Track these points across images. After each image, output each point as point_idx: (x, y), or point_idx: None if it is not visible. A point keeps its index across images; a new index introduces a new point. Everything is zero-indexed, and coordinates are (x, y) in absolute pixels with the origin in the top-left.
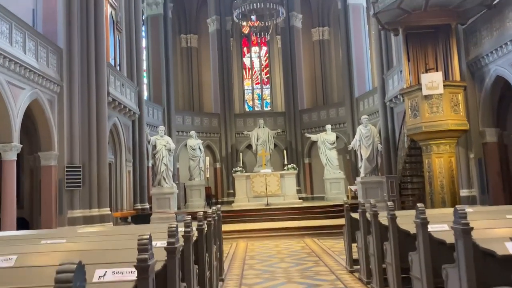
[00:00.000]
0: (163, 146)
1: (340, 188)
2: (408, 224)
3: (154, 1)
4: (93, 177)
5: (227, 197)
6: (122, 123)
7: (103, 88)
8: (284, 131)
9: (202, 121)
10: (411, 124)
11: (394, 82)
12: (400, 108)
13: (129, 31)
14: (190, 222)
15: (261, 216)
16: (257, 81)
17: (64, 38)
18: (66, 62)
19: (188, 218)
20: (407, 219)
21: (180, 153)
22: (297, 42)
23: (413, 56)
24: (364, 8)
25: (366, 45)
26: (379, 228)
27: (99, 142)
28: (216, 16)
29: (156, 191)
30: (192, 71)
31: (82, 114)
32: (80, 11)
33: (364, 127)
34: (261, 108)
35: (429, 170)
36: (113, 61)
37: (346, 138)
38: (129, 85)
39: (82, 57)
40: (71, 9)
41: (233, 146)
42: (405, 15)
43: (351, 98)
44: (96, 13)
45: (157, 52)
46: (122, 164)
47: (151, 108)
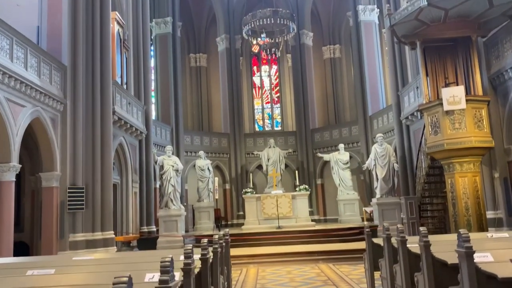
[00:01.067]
0: (171, 167)
1: (355, 209)
2: (443, 253)
3: (163, 20)
4: (96, 199)
5: (236, 219)
6: (128, 143)
7: (108, 106)
8: (295, 151)
9: (211, 141)
10: (432, 142)
11: (410, 99)
12: (417, 126)
13: (136, 50)
14: (191, 251)
15: (272, 240)
16: (267, 100)
17: (69, 55)
18: (70, 79)
19: (189, 247)
20: (440, 246)
21: (188, 174)
22: (308, 60)
23: (431, 70)
24: (376, 25)
25: (379, 62)
26: (408, 256)
27: (103, 163)
28: (225, 34)
29: (163, 213)
30: (201, 90)
31: (86, 133)
32: (85, 28)
33: (380, 146)
34: (271, 128)
35: (452, 190)
36: (120, 79)
37: (359, 157)
38: (136, 104)
39: (87, 75)
40: (76, 26)
41: (243, 166)
42: (423, 28)
43: (365, 117)
44: (102, 30)
45: (166, 71)
46: (128, 185)
47: (159, 128)
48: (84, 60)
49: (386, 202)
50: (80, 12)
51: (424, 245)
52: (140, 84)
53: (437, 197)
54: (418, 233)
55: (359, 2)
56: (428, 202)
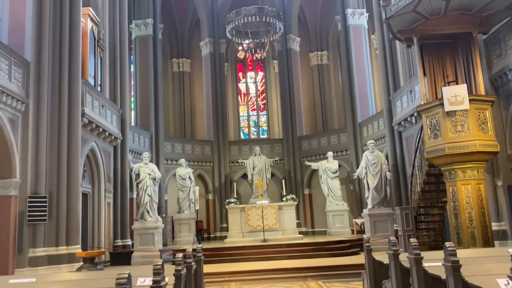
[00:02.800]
0: (147, 175)
1: (344, 221)
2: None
3: (143, 21)
4: (61, 209)
5: (220, 231)
6: (101, 149)
7: (77, 107)
8: (282, 160)
9: (194, 148)
10: (431, 146)
11: (402, 104)
12: (410, 132)
13: (113, 50)
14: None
15: (257, 254)
16: (253, 107)
17: (33, 50)
18: (34, 76)
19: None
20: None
21: (168, 184)
22: (295, 66)
23: (429, 69)
24: (365, 29)
25: (368, 67)
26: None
27: (70, 169)
28: (209, 38)
29: (139, 225)
30: (184, 96)
31: (51, 136)
32: (53, 21)
33: (371, 153)
34: (257, 136)
35: (454, 200)
36: (93, 80)
37: (349, 166)
38: (111, 107)
39: (54, 72)
40: (42, 19)
41: (227, 175)
42: (420, 22)
43: (354, 124)
44: (72, 25)
45: (146, 75)
46: (100, 194)
47: (137, 134)
48: (51, 56)
49: (378, 213)
50: (46, 4)
51: (453, 266)
52: (116, 87)
53: (434, 207)
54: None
55: (348, 5)
56: (424, 213)
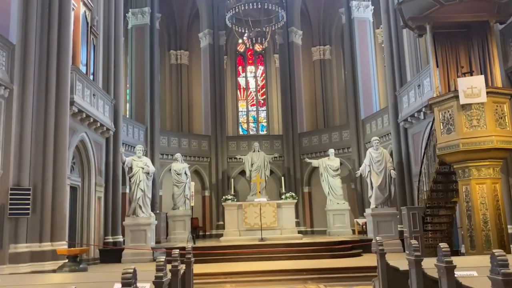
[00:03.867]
0: (140, 169)
1: (345, 221)
2: None
3: (140, 10)
4: (46, 203)
5: (216, 229)
6: (92, 140)
7: (65, 94)
8: (282, 156)
9: (190, 143)
10: (444, 142)
11: (409, 99)
12: (417, 129)
13: (107, 38)
14: None
15: (254, 254)
16: (252, 103)
17: (18, 32)
18: (19, 60)
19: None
20: None
21: (163, 179)
22: (296, 60)
23: (442, 61)
24: (370, 22)
25: (373, 62)
26: None
27: (57, 160)
28: (209, 29)
29: (130, 221)
30: (182, 89)
31: (36, 124)
32: (41, 2)
33: (375, 150)
34: (256, 132)
35: (468, 200)
36: (85, 68)
37: (350, 164)
38: (103, 97)
39: (41, 56)
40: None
41: (224, 172)
42: (434, 8)
43: (357, 120)
44: (62, 7)
45: (142, 66)
46: (90, 188)
47: (131, 126)
48: (38, 39)
49: (382, 213)
50: None
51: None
52: (110, 76)
53: (443, 208)
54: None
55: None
56: (432, 213)
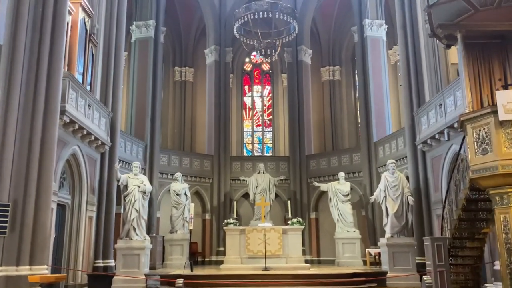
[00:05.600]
0: (136, 187)
1: (355, 250)
2: None
3: (145, 23)
4: (27, 221)
5: (216, 255)
6: (85, 155)
7: (55, 102)
8: (288, 179)
9: (192, 162)
10: (478, 164)
11: (429, 120)
12: (436, 152)
13: (108, 48)
14: None
15: (257, 286)
16: (258, 123)
17: (7, 31)
18: (6, 62)
19: None
20: None
21: (162, 200)
22: (305, 79)
23: (473, 75)
24: (384, 41)
25: (386, 82)
26: None
27: (41, 173)
28: (215, 46)
29: (123, 244)
30: (185, 107)
31: (21, 133)
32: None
33: (391, 175)
34: (261, 154)
35: (507, 231)
36: (81, 77)
37: (361, 189)
38: (99, 108)
39: (31, 59)
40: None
41: (226, 194)
42: (467, 14)
43: (368, 143)
44: (57, 9)
45: (144, 80)
46: (81, 207)
47: (129, 142)
48: (29, 40)
49: (399, 243)
50: None
51: None
52: (108, 88)
53: (470, 239)
54: None
55: (366, 15)
56: (459, 245)
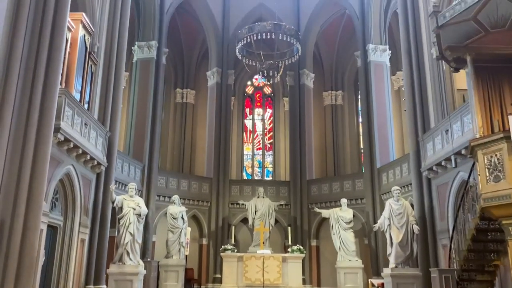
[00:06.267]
0: (131, 210)
1: (357, 280)
2: None
3: (147, 44)
4: (14, 242)
5: (212, 283)
6: (80, 175)
7: (50, 119)
8: (288, 204)
9: (190, 185)
10: (491, 192)
11: (435, 146)
12: (443, 179)
13: (108, 67)
14: None
15: None
16: (258, 146)
17: (2, 45)
18: (1, 76)
19: None
20: None
21: (158, 223)
22: (307, 103)
23: (483, 99)
24: (387, 67)
25: (389, 108)
26: None
27: (32, 193)
28: (217, 68)
29: (115, 269)
30: (186, 129)
31: (12, 149)
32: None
33: (396, 202)
34: (261, 177)
35: None
36: (79, 95)
37: (364, 217)
38: (96, 127)
39: (26, 73)
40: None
41: (225, 218)
42: (477, 36)
43: (372, 169)
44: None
45: (144, 101)
46: (74, 229)
47: (127, 163)
48: (25, 56)
49: (403, 274)
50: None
51: None
52: (107, 107)
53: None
54: None
55: (370, 41)
56: (468, 278)
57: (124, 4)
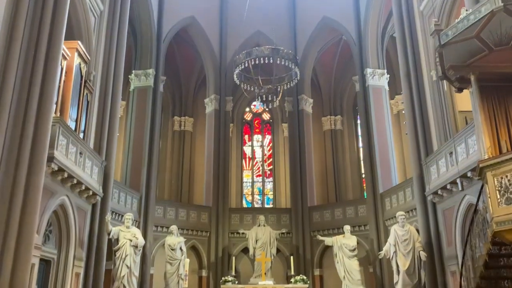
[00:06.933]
0: (128, 241)
1: None
2: None
3: (144, 72)
4: (3, 278)
5: None
6: (74, 205)
7: (43, 147)
8: (290, 232)
9: (189, 215)
10: (503, 215)
11: (439, 169)
12: (448, 203)
13: (104, 95)
14: None
15: None
16: (258, 173)
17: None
18: None
19: None
20: None
21: (156, 255)
22: (307, 128)
23: (489, 119)
24: (386, 90)
25: (390, 132)
26: None
27: (23, 225)
28: (215, 95)
29: None
30: (184, 157)
31: (3, 180)
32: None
33: (401, 228)
34: (261, 205)
35: None
36: (74, 123)
37: (368, 244)
38: (92, 157)
39: (19, 102)
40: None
41: (225, 248)
42: (481, 55)
43: (374, 194)
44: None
45: (141, 129)
46: (68, 262)
47: (123, 193)
48: (18, 83)
49: None
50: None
51: None
52: (103, 136)
53: None
54: None
55: (368, 65)
56: None
57: (121, 33)
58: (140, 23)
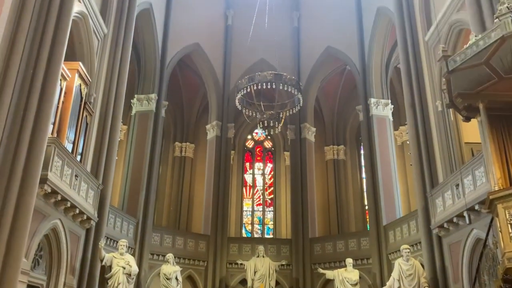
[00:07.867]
0: (121, 269)
1: None
2: None
3: (146, 96)
4: None
5: None
6: (67, 230)
7: (36, 168)
8: (290, 264)
9: (186, 243)
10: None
11: (445, 201)
12: (455, 237)
13: (104, 118)
14: None
15: None
16: (258, 202)
17: None
18: None
19: None
20: None
21: (151, 284)
22: (309, 157)
23: (499, 149)
24: (390, 121)
25: (394, 163)
26: None
27: (10, 249)
28: (217, 121)
29: None
30: (183, 183)
31: None
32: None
33: (405, 262)
34: (261, 235)
35: None
36: (71, 146)
37: (370, 278)
38: (88, 180)
39: (14, 122)
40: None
41: (222, 279)
42: (490, 83)
43: (378, 227)
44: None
45: (141, 154)
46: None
47: (119, 219)
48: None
49: None
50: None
51: None
52: (101, 160)
53: None
54: None
55: (371, 95)
56: None
57: (124, 56)
58: (144, 47)
